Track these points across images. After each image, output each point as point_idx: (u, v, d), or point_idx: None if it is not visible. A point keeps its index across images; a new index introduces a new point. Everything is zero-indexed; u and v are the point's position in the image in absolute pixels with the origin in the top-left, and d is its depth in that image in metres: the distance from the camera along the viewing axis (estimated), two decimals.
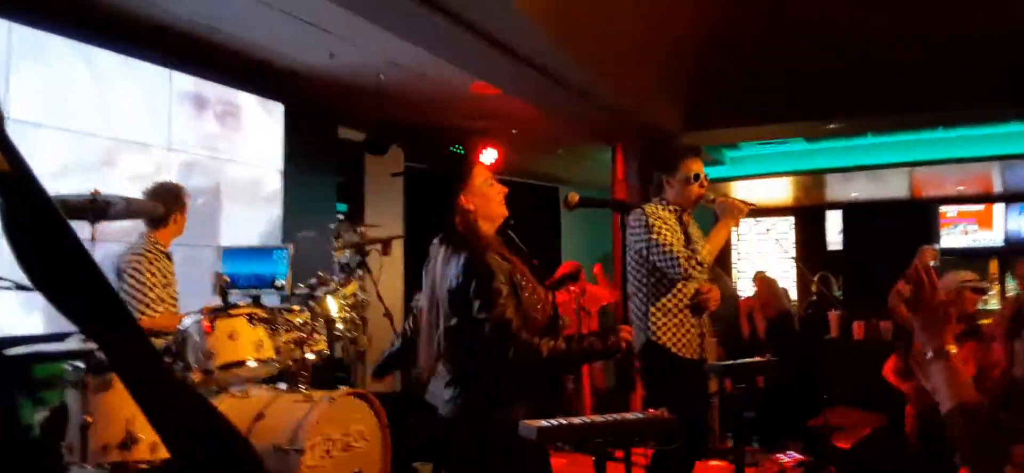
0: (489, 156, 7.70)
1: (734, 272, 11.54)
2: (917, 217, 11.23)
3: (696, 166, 3.44)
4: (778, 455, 5.18)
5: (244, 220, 5.83)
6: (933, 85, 6.86)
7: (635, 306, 3.42)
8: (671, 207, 3.43)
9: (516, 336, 2.30)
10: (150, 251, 3.90)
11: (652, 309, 3.34)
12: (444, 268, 2.45)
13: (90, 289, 0.74)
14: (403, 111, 7.18)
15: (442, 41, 5.16)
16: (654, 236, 3.30)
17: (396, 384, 6.37)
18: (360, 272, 4.45)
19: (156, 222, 3.96)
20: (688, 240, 3.41)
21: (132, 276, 3.82)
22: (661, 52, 6.75)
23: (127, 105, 5.04)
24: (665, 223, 3.34)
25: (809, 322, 7.03)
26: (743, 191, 10.67)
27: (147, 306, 3.81)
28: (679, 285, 3.35)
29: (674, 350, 3.34)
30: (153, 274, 3.87)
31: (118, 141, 4.95)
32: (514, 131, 8.17)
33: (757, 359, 4.19)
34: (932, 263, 4.26)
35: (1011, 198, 11.31)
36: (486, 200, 2.50)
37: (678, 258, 3.26)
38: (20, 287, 3.43)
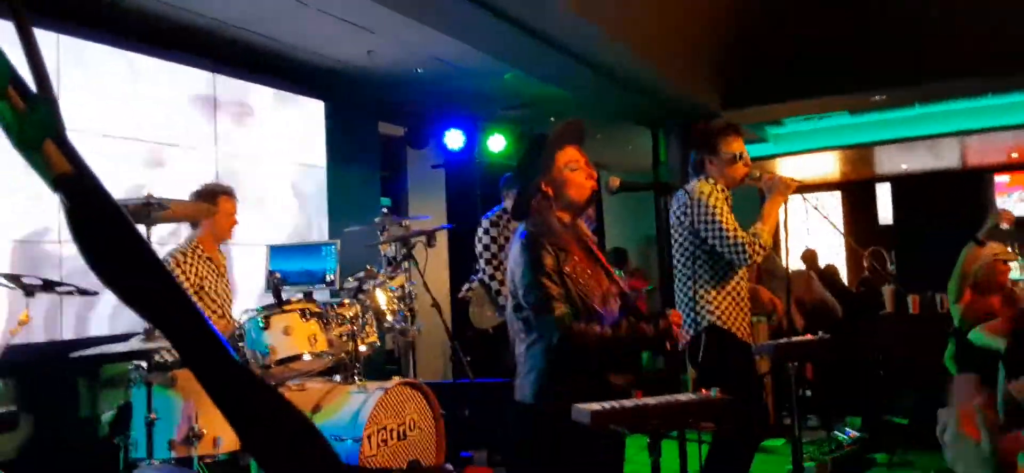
0: (496, 143, 7.59)
1: (783, 250, 11.37)
2: (970, 186, 10.93)
3: (738, 144, 3.35)
4: (836, 432, 5.10)
5: (291, 218, 5.93)
6: (980, 50, 6.65)
7: (686, 289, 3.33)
8: (719, 186, 3.36)
9: (559, 318, 2.30)
10: (185, 254, 3.92)
11: (711, 292, 3.25)
12: (511, 249, 2.48)
13: (156, 284, 0.76)
14: (441, 103, 7.23)
15: (479, 34, 5.18)
16: (716, 218, 3.19)
17: (448, 373, 6.44)
18: (406, 264, 4.50)
19: (195, 224, 4.02)
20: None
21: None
22: (698, 32, 6.68)
23: (172, 109, 5.15)
24: (721, 203, 3.23)
25: (862, 298, 6.89)
26: (788, 168, 10.50)
27: None
28: (737, 269, 3.29)
29: (735, 332, 3.28)
30: (182, 277, 3.87)
31: (164, 145, 5.07)
32: (552, 118, 8.16)
33: (809, 337, 4.12)
34: (1005, 226, 4.12)
35: None
36: (565, 184, 2.46)
37: (744, 244, 3.16)
38: (83, 292, 3.55)
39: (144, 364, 3.38)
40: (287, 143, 5.99)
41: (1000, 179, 11.14)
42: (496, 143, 7.71)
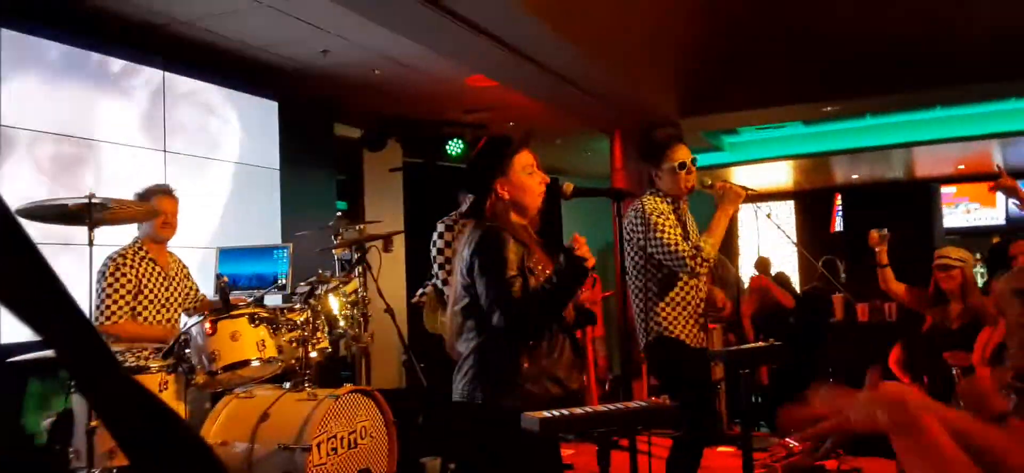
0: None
1: (737, 258, 11.53)
2: (919, 197, 11.22)
3: (681, 154, 3.36)
4: (786, 439, 5.17)
5: (242, 220, 5.81)
6: (931, 64, 6.83)
7: (638, 301, 3.38)
8: (667, 198, 3.38)
9: (508, 302, 2.30)
10: (125, 255, 3.80)
11: (660, 304, 3.31)
12: (462, 249, 2.46)
13: (34, 283, 0.69)
14: (399, 106, 7.17)
15: (436, 35, 5.15)
16: (656, 233, 3.24)
17: (402, 381, 6.37)
18: (360, 269, 4.43)
19: (141, 225, 3.91)
20: (685, 231, 3.38)
21: (99, 280, 3.76)
22: (655, 38, 6.73)
23: (120, 108, 5.02)
24: (664, 217, 3.28)
25: (811, 306, 7.01)
26: (743, 176, 10.65)
27: (109, 309, 3.73)
28: (683, 277, 3.33)
29: (686, 341, 3.32)
30: (122, 278, 3.76)
31: (112, 145, 4.93)
32: (511, 123, 8.15)
33: (760, 344, 4.18)
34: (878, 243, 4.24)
35: (1013, 176, 11.28)
36: (521, 189, 2.48)
37: (684, 256, 3.19)
38: None
39: None
40: (238, 143, 5.88)
41: (946, 190, 11.45)
42: (454, 148, 7.68)
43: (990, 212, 11.40)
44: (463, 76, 6.25)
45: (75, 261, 3.90)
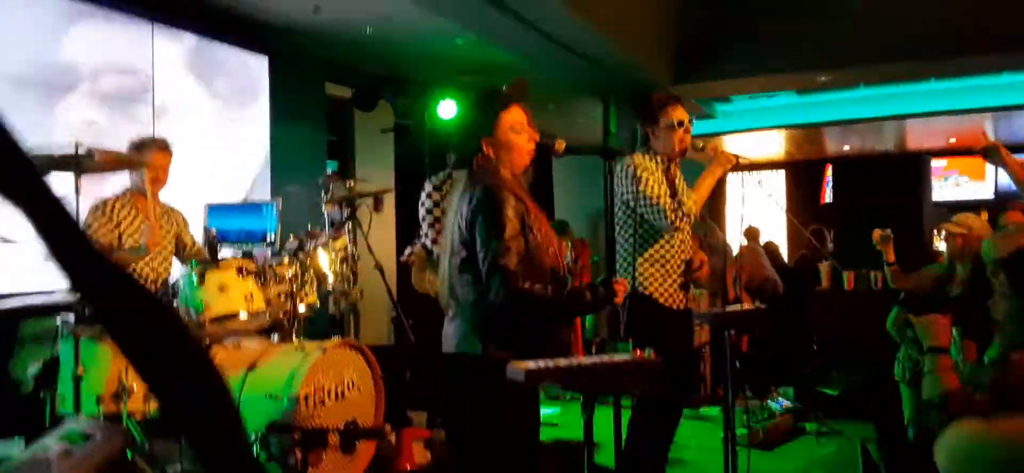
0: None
1: (726, 226, 11.58)
2: (909, 169, 11.26)
3: (678, 113, 3.39)
4: (768, 402, 5.24)
5: (231, 177, 5.79)
6: (926, 35, 6.82)
7: (621, 257, 3.41)
8: (658, 157, 3.39)
9: (507, 274, 2.30)
10: (107, 202, 3.79)
11: (639, 260, 3.34)
12: (459, 203, 2.43)
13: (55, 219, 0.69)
14: (391, 66, 7.12)
15: None
16: (641, 187, 3.27)
17: (390, 337, 6.40)
18: (350, 226, 4.44)
19: (131, 176, 3.89)
20: (674, 191, 3.40)
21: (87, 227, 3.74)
22: (650, 5, 6.69)
23: (111, 60, 4.97)
24: (652, 173, 3.31)
25: (799, 274, 7.07)
26: (735, 145, 10.66)
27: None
28: (665, 236, 3.35)
29: (660, 300, 3.34)
30: (103, 219, 3.73)
31: (103, 97, 4.90)
32: (504, 87, 8.11)
33: (747, 307, 4.22)
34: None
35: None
36: (508, 148, 2.44)
37: (664, 209, 3.24)
38: (3, 240, 3.42)
39: (71, 317, 3.28)
40: (229, 99, 5.84)
41: (937, 163, 11.50)
42: (447, 109, 7.63)
43: (979, 185, 11.46)
44: (456, 36, 6.21)
45: None
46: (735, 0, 7.16)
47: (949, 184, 11.45)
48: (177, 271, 3.98)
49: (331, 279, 4.05)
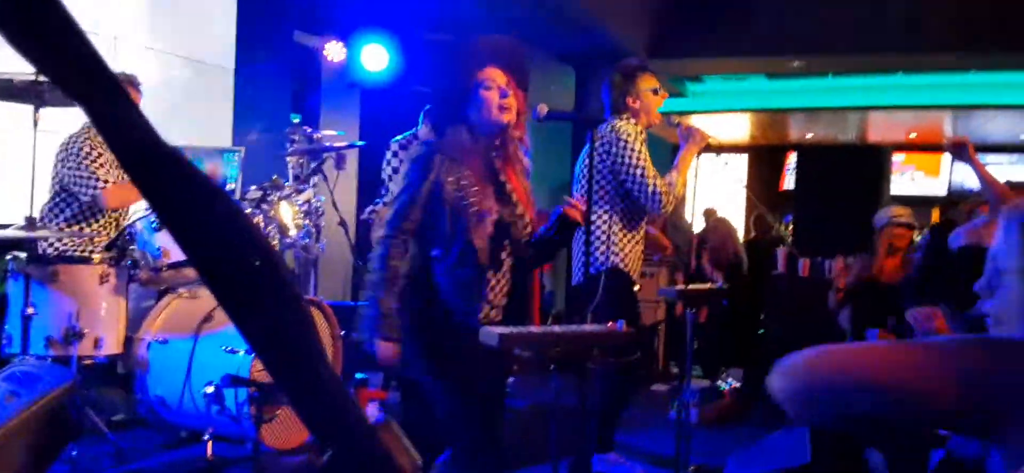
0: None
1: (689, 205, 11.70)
2: (868, 162, 11.45)
3: (652, 80, 3.36)
4: (718, 383, 5.34)
5: (192, 120, 5.63)
6: (896, 29, 6.92)
7: (598, 229, 3.33)
8: (639, 126, 3.32)
9: (380, 252, 2.30)
10: (91, 129, 3.67)
11: (622, 234, 3.28)
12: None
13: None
14: (363, 19, 6.97)
15: None
16: (638, 161, 3.16)
17: (348, 294, 6.35)
18: (315, 180, 4.36)
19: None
20: None
21: (77, 156, 3.62)
22: None
23: None
24: (642, 144, 3.21)
25: (757, 256, 7.17)
26: (702, 125, 10.71)
27: (99, 176, 3.61)
28: (641, 210, 3.33)
29: (631, 275, 3.36)
30: (100, 146, 3.62)
31: None
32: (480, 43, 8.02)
33: (708, 286, 4.28)
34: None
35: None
36: (473, 102, 2.34)
37: (660, 192, 3.15)
38: None
39: (23, 255, 3.18)
40: (192, 39, 5.65)
41: (897, 157, 11.73)
42: (374, 57, 7.13)
43: (934, 181, 11.75)
44: None
45: (18, 143, 3.75)
46: None
47: (905, 178, 11.72)
48: (134, 214, 3.87)
49: (293, 232, 3.98)
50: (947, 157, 11.63)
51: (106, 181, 3.61)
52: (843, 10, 6.91)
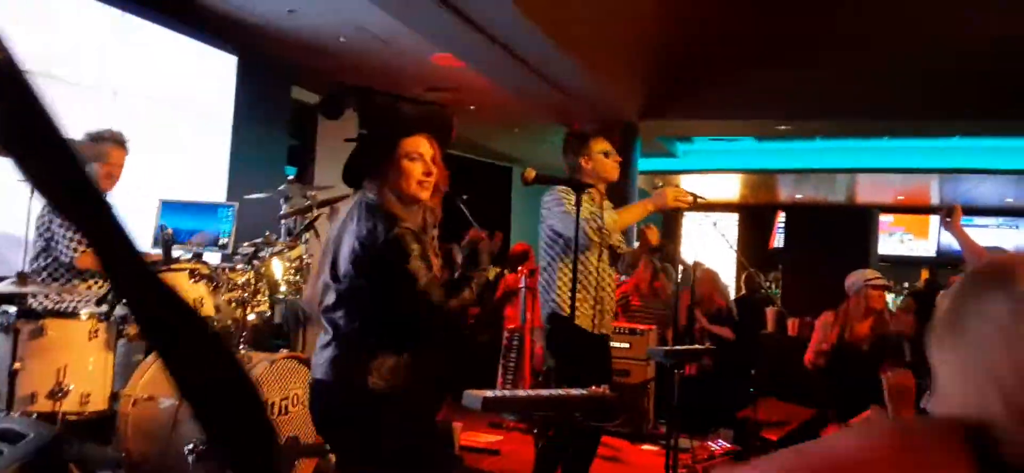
0: None
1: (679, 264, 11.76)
2: (857, 222, 11.59)
3: (605, 144, 3.53)
4: (708, 443, 5.31)
5: (188, 174, 5.69)
6: (883, 95, 7.07)
7: (543, 279, 3.53)
8: (589, 186, 3.43)
9: (432, 302, 2.20)
10: None
11: (559, 281, 3.42)
12: (351, 225, 2.25)
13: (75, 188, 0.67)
14: (361, 76, 7.09)
15: (407, 8, 5.11)
16: (557, 206, 3.38)
17: None
18: (307, 236, 4.39)
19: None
20: (600, 214, 3.44)
21: (58, 218, 3.65)
22: (622, 39, 6.80)
23: (69, 45, 4.86)
24: (570, 196, 3.35)
25: (742, 315, 7.20)
26: (693, 184, 10.83)
27: (76, 241, 3.63)
28: (582, 258, 3.40)
29: (578, 322, 3.38)
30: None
31: (59, 82, 4.77)
32: (472, 107, 8.14)
33: (695, 346, 4.30)
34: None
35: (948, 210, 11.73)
36: (396, 171, 2.23)
37: (584, 220, 3.29)
38: None
39: (11, 309, 3.18)
40: (192, 95, 5.74)
41: (884, 218, 11.85)
42: None
43: (922, 243, 11.84)
44: (430, 53, 6.22)
45: (13, 197, 3.78)
46: (703, 45, 7.32)
47: (894, 240, 11.82)
48: None
49: (284, 289, 4.00)
50: (936, 219, 11.76)
51: (80, 247, 3.62)
52: (829, 75, 7.06)
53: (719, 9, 6.55)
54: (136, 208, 4.87)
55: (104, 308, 3.44)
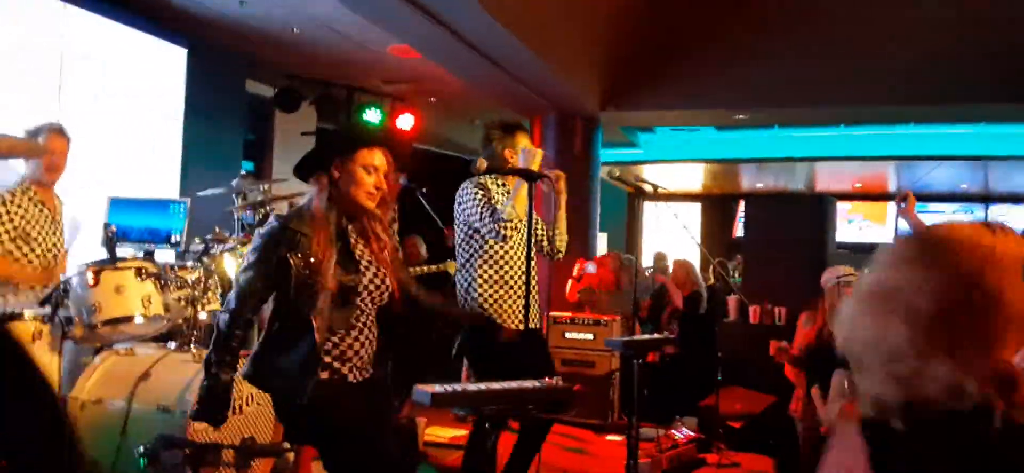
0: (405, 122, 7.59)
1: (641, 254, 11.81)
2: (816, 210, 11.73)
3: (527, 139, 3.49)
4: (672, 431, 5.33)
5: (139, 171, 5.54)
6: (839, 83, 7.15)
7: (461, 278, 3.46)
8: (500, 180, 3.44)
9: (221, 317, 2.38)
10: (13, 194, 3.50)
11: (479, 278, 3.36)
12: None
13: None
14: (317, 68, 6.98)
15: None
16: (473, 197, 3.33)
17: None
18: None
19: (27, 165, 3.65)
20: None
21: None
22: (582, 29, 6.78)
23: (12, 41, 4.69)
24: (488, 191, 3.37)
25: (710, 303, 7.26)
26: (656, 175, 10.90)
27: None
28: (500, 254, 3.37)
29: (499, 320, 3.35)
30: (4, 219, 3.48)
31: (5, 76, 4.61)
32: (432, 99, 8.07)
33: (655, 336, 4.30)
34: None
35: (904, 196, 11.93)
36: (352, 180, 2.39)
37: (486, 216, 3.26)
38: None
39: None
40: (141, 89, 5.59)
41: (842, 205, 12.03)
42: (373, 116, 7.52)
43: (880, 228, 12.06)
44: (386, 44, 6.13)
45: None
46: (662, 34, 7.33)
47: (853, 227, 12.01)
48: (72, 268, 3.77)
49: None
50: (893, 205, 11.97)
51: None
52: (786, 64, 7.12)
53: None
54: (86, 206, 4.72)
55: (48, 309, 3.33)
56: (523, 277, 3.31)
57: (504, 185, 3.45)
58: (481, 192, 3.34)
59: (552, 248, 3.54)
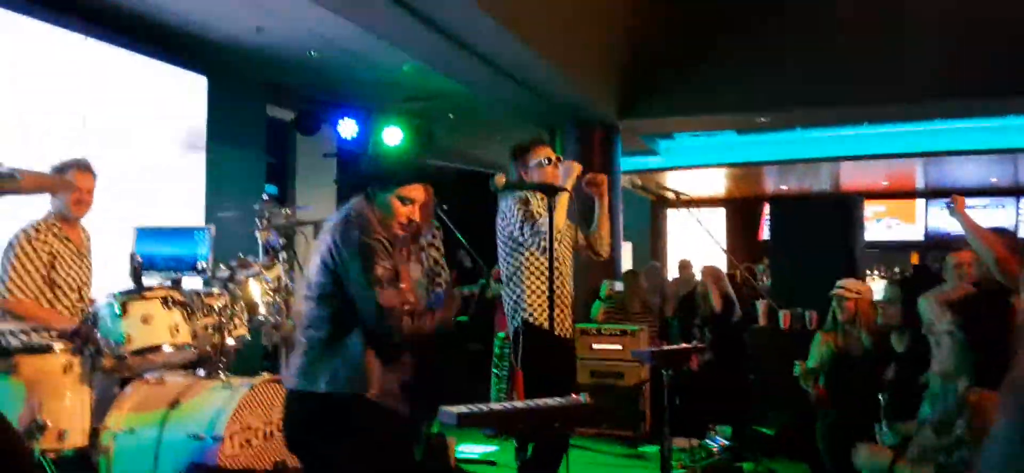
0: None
1: (667, 261, 11.72)
2: (842, 210, 11.57)
3: (545, 151, 3.51)
4: (705, 441, 5.26)
5: (164, 200, 5.59)
6: (860, 80, 7.05)
7: (508, 293, 3.47)
8: (538, 194, 3.45)
9: (391, 316, 2.33)
10: (38, 229, 3.58)
11: (527, 290, 3.39)
12: (326, 237, 2.43)
13: None
14: (335, 91, 7.02)
15: (376, 20, 5.05)
16: (516, 211, 3.37)
17: None
18: (285, 255, 4.30)
19: (53, 201, 3.70)
20: (550, 218, 3.40)
21: (7, 252, 3.54)
22: (597, 40, 6.77)
23: (38, 73, 4.76)
24: (529, 204, 3.41)
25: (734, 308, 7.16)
26: (678, 181, 10.83)
27: (16, 283, 3.51)
28: (545, 267, 3.35)
29: (550, 329, 3.33)
30: (33, 253, 3.53)
31: (30, 112, 4.67)
32: (451, 115, 8.08)
33: (684, 345, 4.25)
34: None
35: (932, 194, 11.74)
36: (391, 208, 2.45)
37: (527, 225, 3.31)
38: None
39: None
40: (164, 119, 5.65)
41: (870, 205, 11.86)
42: (392, 136, 7.53)
43: (909, 227, 11.86)
44: (402, 63, 6.16)
45: None
46: (680, 39, 7.29)
47: (881, 226, 11.82)
48: (100, 299, 3.80)
49: (263, 310, 3.91)
50: (922, 202, 11.77)
51: (10, 292, 3.51)
52: (806, 65, 7.04)
53: (692, 4, 6.53)
54: (113, 236, 4.77)
55: (77, 341, 3.35)
56: (569, 288, 3.43)
57: (541, 197, 3.45)
58: (522, 205, 3.37)
59: (593, 252, 3.62)
